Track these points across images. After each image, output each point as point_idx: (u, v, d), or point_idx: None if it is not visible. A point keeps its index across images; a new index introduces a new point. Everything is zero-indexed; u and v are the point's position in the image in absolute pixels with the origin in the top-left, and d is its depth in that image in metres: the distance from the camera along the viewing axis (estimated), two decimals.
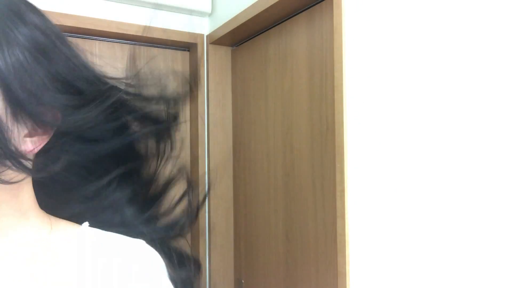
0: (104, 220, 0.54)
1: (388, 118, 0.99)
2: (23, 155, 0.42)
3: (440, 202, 0.88)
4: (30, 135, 0.43)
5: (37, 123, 0.43)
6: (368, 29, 1.04)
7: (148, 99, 0.53)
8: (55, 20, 0.47)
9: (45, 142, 0.45)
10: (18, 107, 0.41)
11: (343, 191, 1.08)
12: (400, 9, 0.96)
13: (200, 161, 1.81)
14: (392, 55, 0.98)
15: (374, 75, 1.02)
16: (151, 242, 0.52)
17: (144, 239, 0.51)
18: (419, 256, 0.91)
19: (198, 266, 0.60)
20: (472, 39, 0.82)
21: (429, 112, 0.90)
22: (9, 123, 0.40)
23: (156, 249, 0.51)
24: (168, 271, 0.51)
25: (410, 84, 0.94)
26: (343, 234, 1.07)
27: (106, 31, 1.63)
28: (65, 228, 0.50)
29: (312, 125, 1.34)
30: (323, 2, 1.29)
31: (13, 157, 0.40)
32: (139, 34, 1.68)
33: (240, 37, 1.71)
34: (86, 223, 0.51)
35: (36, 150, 0.44)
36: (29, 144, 0.43)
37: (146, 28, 1.69)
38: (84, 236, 0.49)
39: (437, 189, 0.88)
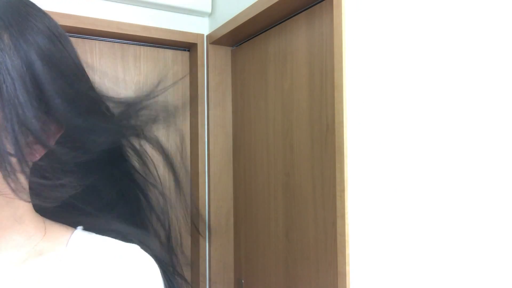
0: (99, 225, 0.54)
1: (388, 118, 0.99)
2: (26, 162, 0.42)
3: (440, 202, 0.88)
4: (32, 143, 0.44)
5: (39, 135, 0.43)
6: (368, 29, 1.04)
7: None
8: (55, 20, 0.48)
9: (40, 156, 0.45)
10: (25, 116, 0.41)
11: (343, 191, 1.08)
12: (400, 9, 0.96)
13: (200, 161, 1.81)
14: (393, 55, 0.98)
15: (374, 75, 1.02)
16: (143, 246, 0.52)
17: (138, 244, 0.52)
18: (419, 256, 0.91)
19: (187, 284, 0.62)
20: (473, 39, 0.82)
21: (429, 112, 0.90)
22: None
23: (150, 254, 0.51)
24: (162, 277, 0.51)
25: (411, 84, 0.94)
26: (343, 234, 1.07)
27: (106, 31, 1.63)
28: (59, 232, 0.50)
29: (312, 125, 1.33)
30: (323, 2, 1.29)
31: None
32: (139, 34, 1.68)
33: (240, 37, 1.71)
34: (80, 227, 0.52)
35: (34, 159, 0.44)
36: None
37: (146, 28, 1.69)
38: (78, 240, 0.49)
39: (438, 189, 0.88)
